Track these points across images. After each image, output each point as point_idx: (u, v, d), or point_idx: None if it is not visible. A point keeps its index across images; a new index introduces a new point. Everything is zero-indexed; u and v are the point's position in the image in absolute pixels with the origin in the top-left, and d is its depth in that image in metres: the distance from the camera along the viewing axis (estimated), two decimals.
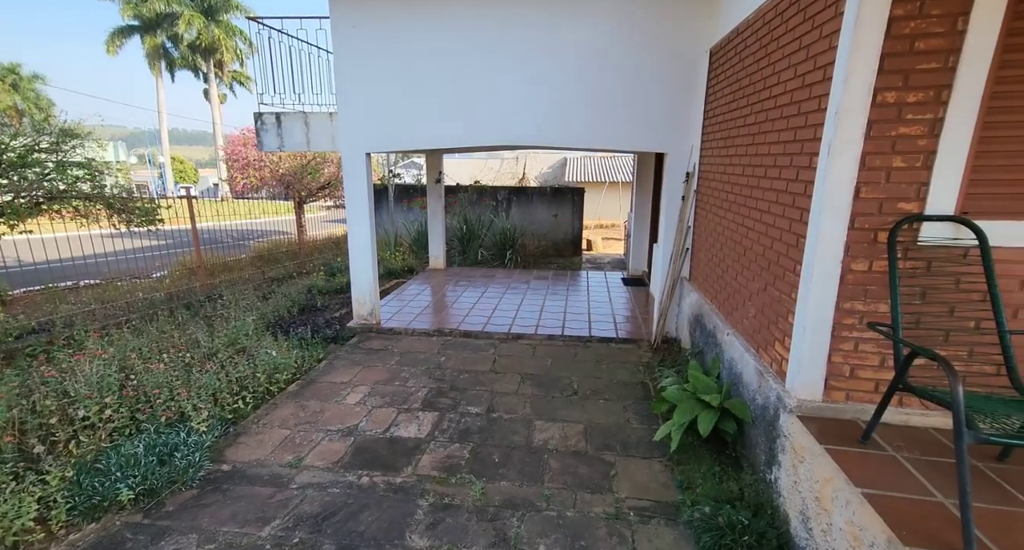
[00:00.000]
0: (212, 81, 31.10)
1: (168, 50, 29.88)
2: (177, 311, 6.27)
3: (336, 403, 3.86)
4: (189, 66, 30.63)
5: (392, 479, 2.87)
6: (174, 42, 29.22)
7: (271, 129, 5.40)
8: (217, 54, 29.70)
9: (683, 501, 2.60)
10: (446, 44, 4.86)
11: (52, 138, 6.11)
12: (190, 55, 29.69)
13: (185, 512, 2.53)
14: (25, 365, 3.98)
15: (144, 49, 29.00)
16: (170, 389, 3.40)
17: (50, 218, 6.24)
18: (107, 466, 2.64)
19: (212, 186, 35.42)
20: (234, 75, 32.42)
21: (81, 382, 3.23)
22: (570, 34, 4.69)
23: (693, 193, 4.85)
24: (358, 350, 5.06)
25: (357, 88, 5.05)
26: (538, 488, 2.78)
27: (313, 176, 15.59)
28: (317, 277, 8.81)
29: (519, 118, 4.97)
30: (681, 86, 4.72)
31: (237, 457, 3.08)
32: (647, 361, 4.78)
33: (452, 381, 4.28)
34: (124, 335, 4.73)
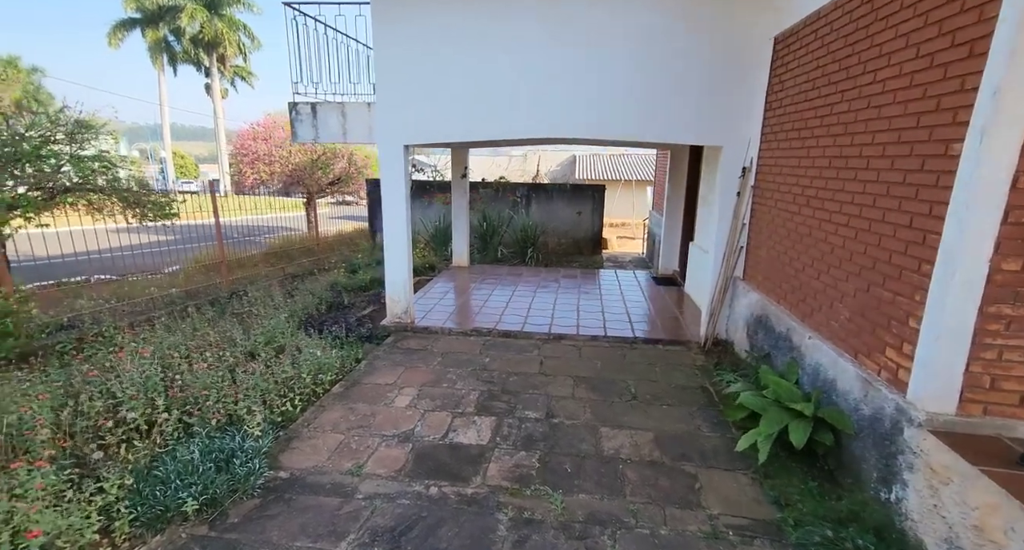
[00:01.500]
0: (215, 76, 30.85)
1: (170, 44, 29.62)
2: (203, 308, 6.12)
3: (385, 406, 3.68)
4: (191, 60, 30.30)
5: (462, 490, 2.68)
6: (176, 36, 28.98)
7: (306, 119, 5.22)
8: (220, 48, 29.46)
9: (784, 519, 2.40)
10: (492, 33, 4.67)
11: (68, 129, 5.93)
12: (192, 49, 29.44)
13: (251, 524, 2.36)
14: (57, 363, 3.82)
15: (146, 43, 28.79)
16: (218, 390, 3.22)
17: (65, 212, 6.05)
18: (165, 473, 2.47)
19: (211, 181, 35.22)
20: (236, 70, 32.20)
21: (127, 382, 3.06)
22: (623, 21, 4.48)
23: (750, 188, 4.64)
24: (397, 350, 4.88)
25: (397, 78, 4.86)
26: (621, 502, 2.59)
27: (324, 171, 15.47)
28: (339, 274, 8.66)
29: (566, 111, 4.77)
30: (739, 76, 4.51)
31: (293, 463, 2.91)
32: (701, 364, 4.58)
33: (502, 384, 4.09)
34: (156, 332, 4.57)
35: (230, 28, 28.95)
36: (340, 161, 15.62)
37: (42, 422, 2.52)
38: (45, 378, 3.24)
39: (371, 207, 14.53)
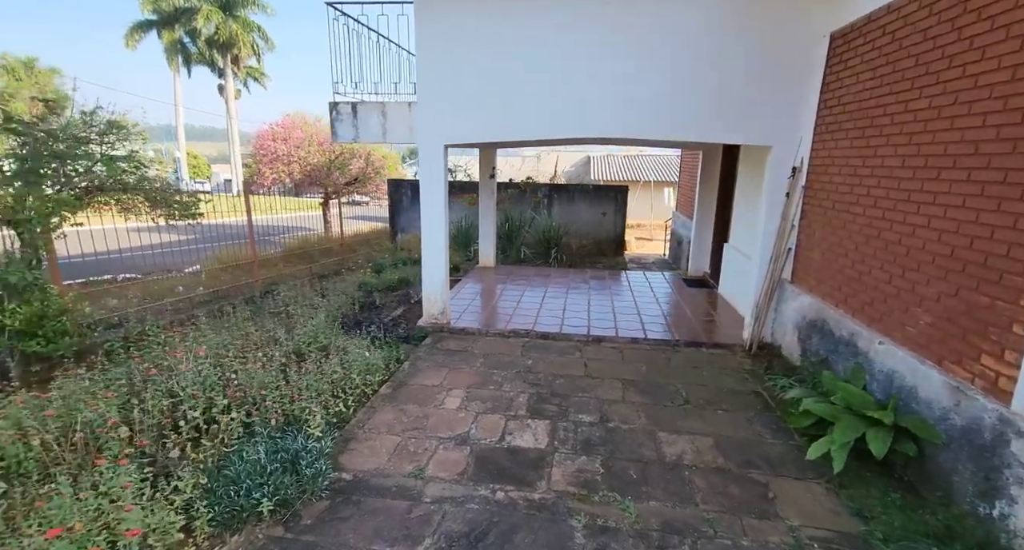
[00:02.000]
0: (229, 76, 31.08)
1: (185, 45, 29.92)
2: (238, 307, 6.14)
3: (436, 408, 3.64)
4: (206, 61, 30.44)
5: (529, 495, 2.63)
6: (192, 37, 29.26)
7: (346, 119, 5.22)
8: (234, 49, 29.67)
9: (870, 533, 2.31)
10: (535, 31, 4.61)
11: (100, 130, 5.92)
12: (207, 50, 29.70)
13: (325, 526, 2.33)
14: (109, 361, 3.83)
15: (162, 44, 29.11)
16: (275, 390, 3.21)
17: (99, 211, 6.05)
18: (235, 473, 2.45)
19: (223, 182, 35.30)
20: (249, 71, 32.44)
21: (186, 381, 3.06)
22: (671, 18, 4.40)
23: (800, 189, 4.53)
24: (437, 351, 4.85)
25: (439, 77, 4.83)
26: (694, 510, 2.52)
27: (342, 171, 15.54)
28: (366, 274, 8.67)
29: (610, 109, 4.69)
30: (790, 74, 4.41)
31: (354, 465, 2.88)
32: (749, 368, 4.48)
33: (549, 386, 4.03)
34: (201, 332, 4.58)
35: (244, 29, 29.18)
36: (357, 161, 15.67)
37: (114, 421, 2.51)
38: (106, 376, 3.25)
39: (392, 207, 14.57)
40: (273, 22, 51.03)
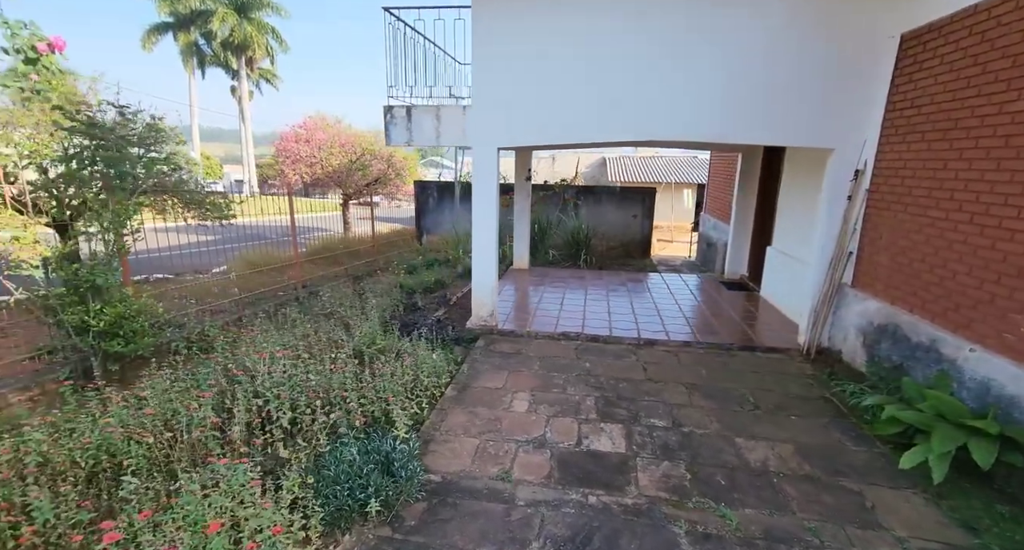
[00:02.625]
0: (243, 78, 31.34)
1: (200, 47, 30.28)
2: (284, 308, 6.21)
3: (505, 411, 3.65)
4: (220, 63, 30.69)
5: (621, 500, 2.62)
6: (207, 39, 29.60)
7: (400, 123, 5.26)
8: (248, 51, 29.95)
9: (985, 546, 2.26)
10: (594, 35, 4.60)
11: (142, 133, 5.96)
12: (222, 52, 30.00)
13: (429, 527, 2.34)
14: (171, 363, 3.89)
15: (178, 46, 29.50)
16: (355, 391, 3.24)
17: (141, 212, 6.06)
18: (335, 473, 2.48)
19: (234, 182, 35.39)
20: (262, 72, 32.74)
21: (273, 381, 3.11)
22: (733, 20, 4.37)
23: (864, 192, 4.47)
24: (492, 353, 4.86)
25: (494, 80, 4.84)
26: (793, 519, 2.49)
27: (363, 173, 15.65)
28: (400, 275, 8.71)
29: (669, 112, 4.67)
30: (854, 75, 4.35)
31: (438, 466, 2.90)
32: (810, 373, 4.42)
33: (614, 390, 4.02)
34: (262, 332, 4.64)
35: (259, 31, 29.46)
36: (378, 163, 15.77)
37: (216, 421, 2.56)
38: (192, 376, 3.31)
39: (418, 209, 14.66)
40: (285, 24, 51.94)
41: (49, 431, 2.54)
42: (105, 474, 2.41)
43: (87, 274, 3.47)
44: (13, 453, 2.28)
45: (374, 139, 16.89)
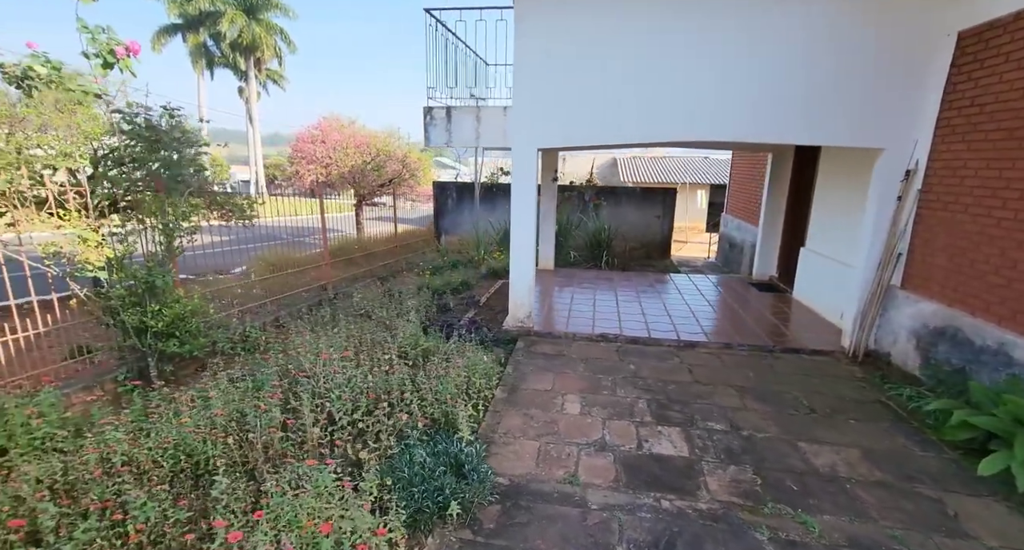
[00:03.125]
0: (251, 79, 31.42)
1: (209, 48, 30.36)
2: (316, 309, 6.23)
3: (559, 413, 3.63)
4: (229, 64, 30.74)
5: (694, 504, 2.59)
6: (216, 40, 29.74)
7: (440, 123, 5.26)
8: (257, 52, 30.05)
9: None
10: (636, 36, 4.57)
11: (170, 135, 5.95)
12: (231, 53, 30.11)
13: (509, 531, 2.33)
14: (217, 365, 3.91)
15: (187, 47, 29.65)
16: (415, 393, 3.24)
17: None
18: (409, 475, 2.47)
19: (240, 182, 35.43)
20: (269, 73, 32.86)
21: (334, 382, 3.11)
22: (779, 19, 4.32)
23: (916, 192, 4.40)
24: (534, 355, 4.84)
25: (535, 81, 4.82)
26: (875, 526, 2.45)
27: (378, 173, 15.70)
28: (426, 276, 8.72)
29: (711, 111, 4.62)
30: (907, 74, 4.28)
31: (504, 469, 2.88)
32: (861, 376, 4.36)
33: (664, 393, 3.98)
34: (307, 332, 4.65)
35: (267, 32, 29.57)
36: (393, 163, 15.79)
37: (290, 422, 2.56)
38: (251, 377, 3.33)
39: (437, 209, 14.70)
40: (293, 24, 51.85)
41: (127, 431, 2.56)
42: (185, 474, 2.43)
43: (145, 275, 3.50)
44: (100, 452, 2.30)
45: (388, 139, 16.96)
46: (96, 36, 2.74)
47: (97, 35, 2.74)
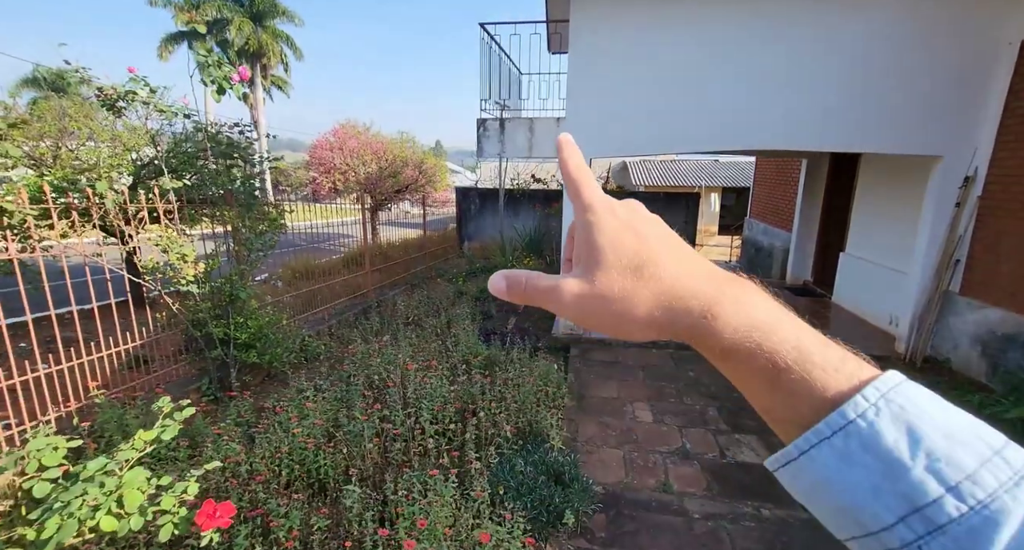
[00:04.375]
0: (258, 86, 31.57)
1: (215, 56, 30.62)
2: (363, 317, 6.32)
3: (633, 421, 3.68)
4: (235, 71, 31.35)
5: (796, 513, 2.62)
6: (223, 48, 29.92)
7: (493, 135, 5.35)
8: (263, 59, 30.22)
9: None
10: (690, 47, 4.64)
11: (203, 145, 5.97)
12: (238, 60, 30.21)
13: (621, 540, 2.38)
14: (283, 377, 3.99)
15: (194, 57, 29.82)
16: (498, 401, 3.30)
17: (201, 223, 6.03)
18: (516, 484, 2.53)
19: None
20: (273, 79, 33.08)
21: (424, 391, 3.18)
22: (839, 32, 4.37)
23: (976, 199, 4.42)
24: (591, 362, 4.89)
25: (589, 92, 4.90)
26: None
27: (395, 179, 15.81)
28: (460, 282, 8.80)
29: (770, 121, 4.67)
30: (968, 82, 4.31)
31: (596, 477, 2.92)
32: (923, 381, 4.28)
33: (729, 399, 4.02)
34: (385, 341, 4.71)
35: (273, 39, 29.77)
36: (410, 169, 15.91)
37: (397, 432, 2.63)
38: (345, 387, 3.40)
39: (460, 215, 14.80)
40: (298, 31, 52.36)
41: (239, 441, 2.64)
42: (301, 482, 2.50)
43: (229, 288, 3.59)
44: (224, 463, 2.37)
45: (405, 145, 17.10)
46: (215, 67, 2.87)
47: (216, 66, 2.87)
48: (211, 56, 2.89)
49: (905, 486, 0.25)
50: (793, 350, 0.30)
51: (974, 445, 0.26)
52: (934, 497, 0.25)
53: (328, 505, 2.33)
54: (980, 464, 0.25)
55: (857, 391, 0.28)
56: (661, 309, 0.32)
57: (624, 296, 0.33)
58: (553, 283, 0.36)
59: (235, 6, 28.22)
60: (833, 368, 0.29)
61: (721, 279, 0.33)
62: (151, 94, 3.11)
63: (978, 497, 0.24)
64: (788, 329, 0.31)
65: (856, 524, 0.27)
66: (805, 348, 0.30)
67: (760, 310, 0.31)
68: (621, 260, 0.33)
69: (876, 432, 0.27)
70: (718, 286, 0.32)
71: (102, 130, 6.49)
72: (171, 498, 1.51)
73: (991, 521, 0.24)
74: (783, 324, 0.31)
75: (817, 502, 0.29)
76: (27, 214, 2.69)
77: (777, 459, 0.30)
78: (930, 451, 0.26)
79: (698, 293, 0.32)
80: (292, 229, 6.01)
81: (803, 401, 0.29)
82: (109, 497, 1.39)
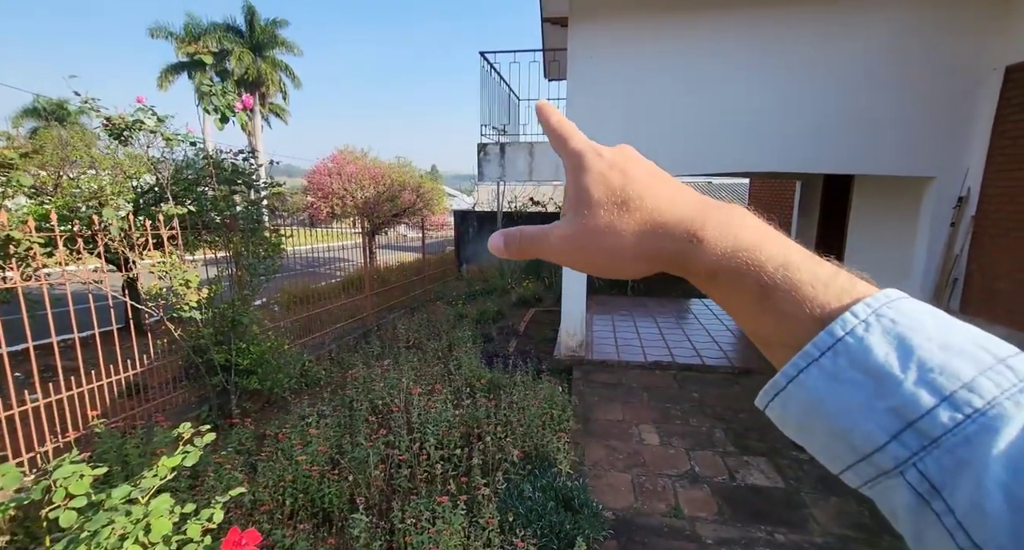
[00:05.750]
0: (256, 114, 31.91)
1: None
2: (362, 342, 6.28)
3: (640, 444, 3.63)
4: None
5: (809, 538, 2.58)
6: (222, 77, 30.40)
7: (494, 160, 5.44)
8: (262, 88, 30.71)
9: None
10: (686, 72, 4.78)
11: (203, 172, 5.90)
12: (237, 89, 30.62)
13: None
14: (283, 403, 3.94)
15: (194, 85, 30.30)
16: (504, 425, 3.26)
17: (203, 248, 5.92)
18: (525, 511, 2.48)
19: None
20: (271, 107, 33.59)
21: (429, 416, 3.14)
22: (830, 58, 4.52)
23: (970, 218, 4.49)
24: (594, 384, 4.86)
25: (587, 118, 4.99)
26: None
27: (393, 203, 15.94)
28: (460, 305, 8.78)
29: (765, 144, 4.78)
30: (956, 106, 4.43)
31: (605, 502, 2.86)
32: None
33: (736, 420, 3.98)
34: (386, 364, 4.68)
35: (272, 68, 30.35)
36: (408, 193, 16.04)
37: (403, 458, 2.58)
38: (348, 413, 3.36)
39: (458, 238, 14.90)
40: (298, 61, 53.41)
41: (241, 470, 2.59)
42: (305, 511, 2.44)
43: (231, 313, 3.58)
44: (225, 492, 2.32)
45: (403, 170, 17.27)
46: (219, 96, 2.93)
47: (220, 95, 2.93)
48: (215, 86, 2.95)
49: (896, 400, 0.24)
50: (780, 267, 0.29)
51: (975, 354, 0.24)
52: (927, 408, 0.23)
53: (334, 535, 2.27)
54: (979, 372, 0.23)
55: (848, 309, 0.27)
56: (648, 236, 0.32)
57: (611, 229, 0.33)
58: (544, 229, 0.37)
59: (236, 37, 28.83)
60: (823, 284, 0.28)
61: (709, 205, 0.33)
62: (159, 123, 3.16)
63: (975, 405, 0.23)
64: (775, 246, 0.30)
65: (850, 449, 0.25)
66: (793, 264, 0.29)
67: (747, 230, 0.31)
68: (608, 196, 0.34)
69: (865, 347, 0.25)
70: (704, 211, 0.32)
71: (104, 158, 6.57)
72: (196, 526, 1.47)
73: (989, 428, 0.22)
74: (770, 242, 0.30)
75: (809, 433, 0.27)
76: (34, 242, 2.70)
77: (766, 392, 0.29)
78: (923, 362, 0.24)
79: (684, 218, 0.32)
80: (291, 253, 6.04)
81: (793, 321, 0.28)
82: (137, 525, 1.36)
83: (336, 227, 14.98)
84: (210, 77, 30.61)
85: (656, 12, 4.72)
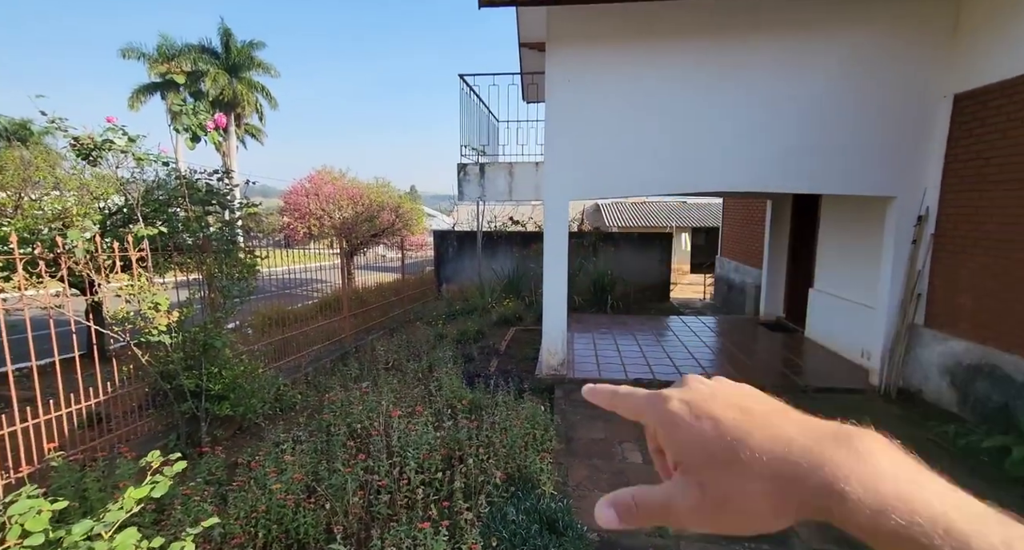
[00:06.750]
0: (231, 135, 31.50)
1: None
2: (340, 363, 6.15)
3: (623, 462, 3.61)
4: None
5: None
6: (196, 98, 29.96)
7: (473, 180, 5.48)
8: (238, 109, 30.37)
9: None
10: (661, 98, 4.95)
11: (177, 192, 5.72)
12: (212, 110, 30.09)
13: None
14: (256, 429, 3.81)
15: (167, 105, 29.75)
16: (485, 447, 3.21)
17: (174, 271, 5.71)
18: (509, 535, 2.42)
19: None
20: (247, 128, 33.28)
21: (408, 440, 3.07)
22: (793, 83, 4.75)
23: (929, 236, 4.70)
24: (576, 403, 4.83)
25: (565, 138, 5.12)
26: None
27: (371, 224, 15.86)
28: (440, 325, 8.70)
29: (734, 165, 4.95)
30: (909, 130, 4.70)
31: (588, 524, 2.82)
32: (898, 414, 4.46)
33: None
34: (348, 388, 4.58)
35: (248, 89, 30.09)
36: (386, 213, 15.96)
37: (383, 483, 2.51)
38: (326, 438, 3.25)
39: (438, 258, 14.83)
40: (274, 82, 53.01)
41: (210, 502, 2.46)
42: (279, 543, 2.33)
43: (202, 337, 3.47)
44: (193, 525, 2.20)
45: (381, 190, 17.22)
46: (190, 115, 2.89)
47: (191, 115, 2.89)
48: (185, 106, 2.92)
49: None
50: (942, 535, 0.24)
51: None
52: None
53: None
54: None
55: None
56: (778, 496, 0.28)
57: (740, 493, 0.29)
58: (665, 502, 0.32)
59: (211, 59, 28.51)
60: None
61: (823, 436, 0.29)
62: (129, 143, 3.09)
63: None
64: (928, 505, 0.25)
65: None
66: (956, 532, 0.24)
67: (886, 481, 0.26)
68: (710, 458, 0.30)
69: None
70: (821, 449, 0.28)
71: (69, 179, 6.38)
72: None
73: None
74: (919, 497, 0.26)
75: None
76: None
77: None
78: None
79: (806, 461, 0.28)
80: (267, 275, 5.92)
81: None
82: None
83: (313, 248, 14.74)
84: (183, 98, 30.17)
85: (629, 39, 4.90)
